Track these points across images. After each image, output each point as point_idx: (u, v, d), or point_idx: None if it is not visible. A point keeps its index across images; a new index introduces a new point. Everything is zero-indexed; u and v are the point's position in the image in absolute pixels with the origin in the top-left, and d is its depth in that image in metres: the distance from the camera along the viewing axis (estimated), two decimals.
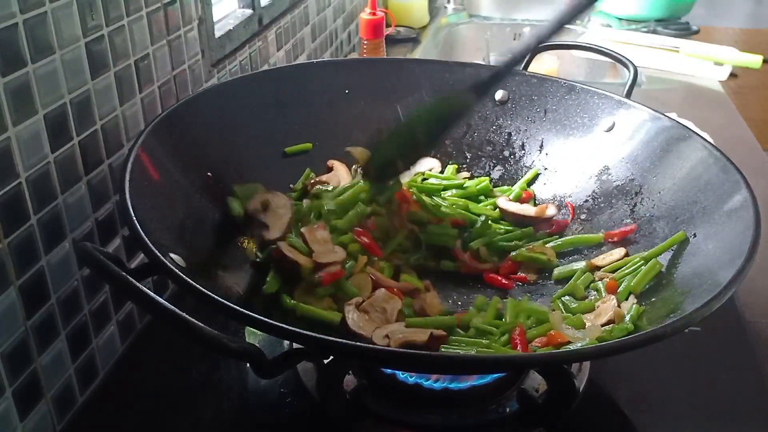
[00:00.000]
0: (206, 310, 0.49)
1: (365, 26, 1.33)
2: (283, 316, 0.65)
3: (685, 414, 0.67)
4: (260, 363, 0.47)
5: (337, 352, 0.52)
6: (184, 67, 0.81)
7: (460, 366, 0.52)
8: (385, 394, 0.65)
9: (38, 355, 0.60)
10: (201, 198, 0.70)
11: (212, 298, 0.49)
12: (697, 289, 0.59)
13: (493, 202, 0.84)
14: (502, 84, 0.90)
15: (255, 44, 1.03)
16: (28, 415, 0.59)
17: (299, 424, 0.66)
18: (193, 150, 0.72)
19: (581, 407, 0.63)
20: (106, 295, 0.69)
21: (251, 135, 0.80)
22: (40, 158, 0.58)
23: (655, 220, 0.74)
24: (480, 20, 1.94)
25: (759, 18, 3.33)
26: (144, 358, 0.73)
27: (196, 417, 0.66)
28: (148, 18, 0.72)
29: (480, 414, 0.64)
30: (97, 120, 0.65)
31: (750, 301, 0.81)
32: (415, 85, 0.92)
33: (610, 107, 0.83)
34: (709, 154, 0.71)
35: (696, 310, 0.51)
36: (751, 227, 0.59)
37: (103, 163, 0.67)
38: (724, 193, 0.67)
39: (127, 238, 0.72)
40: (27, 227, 0.57)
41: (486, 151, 0.91)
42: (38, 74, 0.56)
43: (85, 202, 0.65)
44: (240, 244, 0.72)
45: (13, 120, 0.54)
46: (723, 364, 0.73)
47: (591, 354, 0.58)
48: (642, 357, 0.60)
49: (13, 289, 0.56)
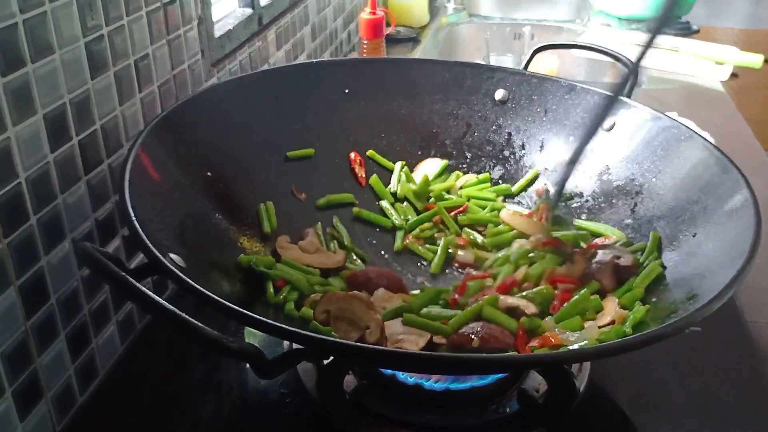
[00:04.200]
0: (206, 310, 0.49)
1: (365, 26, 1.33)
2: (285, 316, 0.65)
3: (685, 414, 0.67)
4: (260, 363, 0.47)
5: (337, 352, 0.52)
6: (184, 66, 0.81)
7: (460, 366, 0.52)
8: (385, 395, 0.65)
9: (38, 355, 0.60)
10: (201, 198, 0.70)
11: (212, 298, 0.49)
12: (698, 289, 0.59)
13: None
14: (502, 84, 0.90)
15: (255, 44, 1.03)
16: (28, 416, 0.59)
17: (299, 424, 0.66)
18: (192, 150, 0.72)
19: (581, 407, 0.63)
20: (105, 295, 0.69)
21: (251, 135, 0.80)
22: (40, 158, 0.58)
23: (656, 220, 0.73)
24: (480, 20, 1.94)
25: (758, 18, 3.32)
26: (144, 358, 0.73)
27: (196, 417, 0.66)
28: (148, 18, 0.72)
29: (480, 414, 0.64)
30: (97, 120, 0.65)
31: (750, 301, 0.81)
32: (415, 85, 0.92)
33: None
34: (709, 153, 0.71)
35: (696, 310, 0.51)
36: (752, 227, 0.59)
37: (103, 163, 0.67)
38: (725, 193, 0.66)
39: (126, 238, 0.72)
40: (27, 227, 0.57)
41: (486, 151, 0.91)
42: (38, 74, 0.56)
43: (84, 202, 0.65)
44: (240, 245, 0.72)
45: (13, 120, 0.54)
46: (723, 364, 0.73)
47: (591, 354, 0.58)
48: (642, 357, 0.60)
49: (13, 290, 0.56)
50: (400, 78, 0.92)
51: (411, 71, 0.92)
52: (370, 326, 0.61)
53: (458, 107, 0.92)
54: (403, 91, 0.91)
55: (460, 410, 0.64)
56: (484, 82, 0.91)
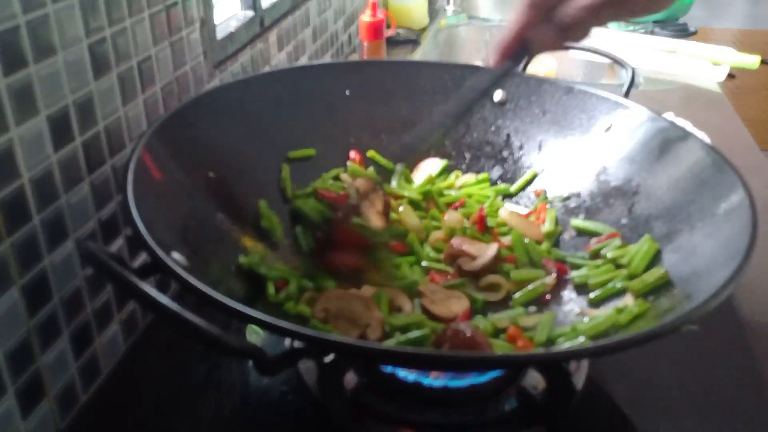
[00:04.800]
0: (208, 309, 0.49)
1: (366, 28, 1.33)
2: (284, 314, 0.65)
3: (684, 413, 0.67)
4: (261, 361, 0.47)
5: (338, 350, 0.52)
6: (186, 68, 0.82)
7: (459, 363, 0.53)
8: (385, 392, 0.65)
9: (41, 354, 0.60)
10: (203, 198, 0.70)
11: (214, 297, 0.49)
12: (695, 288, 0.59)
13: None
14: (501, 85, 0.91)
15: (256, 46, 1.03)
16: (31, 415, 0.60)
17: (300, 422, 0.66)
18: (195, 150, 0.72)
19: (580, 405, 0.63)
20: (108, 294, 0.69)
21: (252, 136, 0.81)
22: (43, 158, 0.58)
23: (653, 220, 0.74)
24: (479, 22, 1.94)
25: (756, 19, 3.33)
26: (146, 357, 0.74)
27: (198, 416, 0.67)
28: (151, 19, 0.72)
29: (479, 412, 0.64)
30: (100, 121, 0.66)
31: (749, 301, 0.82)
32: (415, 87, 0.92)
33: (608, 108, 0.84)
34: (706, 154, 0.72)
35: (694, 309, 0.52)
36: (749, 227, 0.60)
37: (106, 164, 0.67)
38: (722, 193, 0.67)
39: (129, 238, 0.72)
40: (30, 227, 0.57)
41: (485, 152, 0.91)
42: (40, 75, 0.57)
43: (87, 202, 0.65)
44: (242, 244, 0.72)
45: (16, 120, 0.54)
46: (721, 363, 0.74)
47: (588, 352, 0.59)
48: (640, 355, 0.60)
49: (16, 289, 0.56)
50: (400, 80, 0.92)
51: (411, 73, 0.93)
52: (371, 324, 0.61)
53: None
54: (403, 92, 0.92)
55: (460, 408, 0.65)
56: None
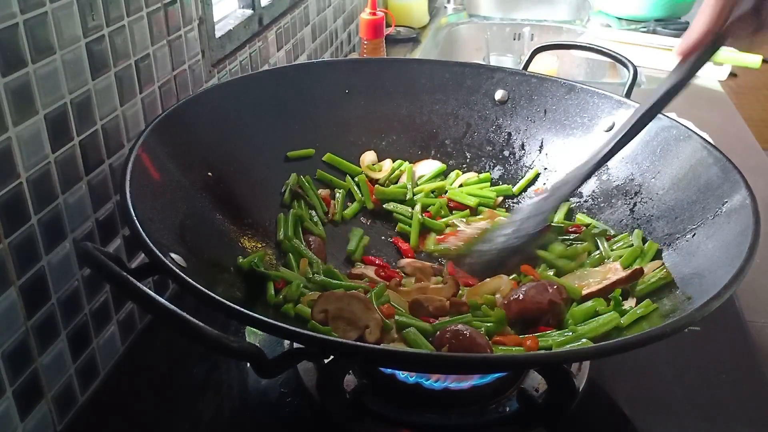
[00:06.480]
0: (206, 310, 0.49)
1: (365, 26, 1.33)
2: (283, 316, 0.65)
3: (685, 414, 0.67)
4: (261, 363, 0.47)
5: (337, 351, 0.52)
6: (185, 67, 0.81)
7: (460, 366, 0.52)
8: (385, 394, 0.65)
9: (39, 355, 0.60)
10: (202, 198, 0.70)
11: (212, 298, 0.49)
12: (697, 289, 0.59)
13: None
14: (502, 84, 0.91)
15: (255, 44, 1.03)
16: (29, 415, 0.59)
17: (299, 423, 0.66)
18: (193, 150, 0.72)
19: (581, 407, 0.63)
20: (106, 295, 0.69)
21: (251, 135, 0.81)
22: (41, 158, 0.58)
23: (655, 220, 0.74)
24: (480, 20, 1.94)
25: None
26: (144, 358, 0.73)
27: (196, 417, 0.66)
28: (149, 18, 0.72)
29: (480, 413, 0.64)
30: (98, 120, 0.65)
31: (750, 301, 0.82)
32: (415, 85, 0.92)
33: (610, 107, 0.84)
34: (708, 153, 0.71)
35: (695, 310, 0.51)
36: (751, 227, 0.60)
37: (104, 163, 0.67)
38: (724, 193, 0.67)
39: (127, 238, 0.72)
40: (27, 227, 0.57)
41: (486, 151, 0.91)
42: (39, 74, 0.56)
43: (85, 202, 0.65)
44: (240, 244, 0.72)
45: (14, 120, 0.54)
46: (723, 363, 0.74)
47: (590, 354, 0.58)
48: (642, 357, 0.60)
49: (14, 289, 0.56)
50: (400, 78, 0.92)
51: (411, 71, 0.93)
52: (370, 326, 0.61)
53: (458, 107, 0.92)
54: (403, 91, 0.92)
55: (460, 409, 0.65)
56: (483, 82, 0.91)
